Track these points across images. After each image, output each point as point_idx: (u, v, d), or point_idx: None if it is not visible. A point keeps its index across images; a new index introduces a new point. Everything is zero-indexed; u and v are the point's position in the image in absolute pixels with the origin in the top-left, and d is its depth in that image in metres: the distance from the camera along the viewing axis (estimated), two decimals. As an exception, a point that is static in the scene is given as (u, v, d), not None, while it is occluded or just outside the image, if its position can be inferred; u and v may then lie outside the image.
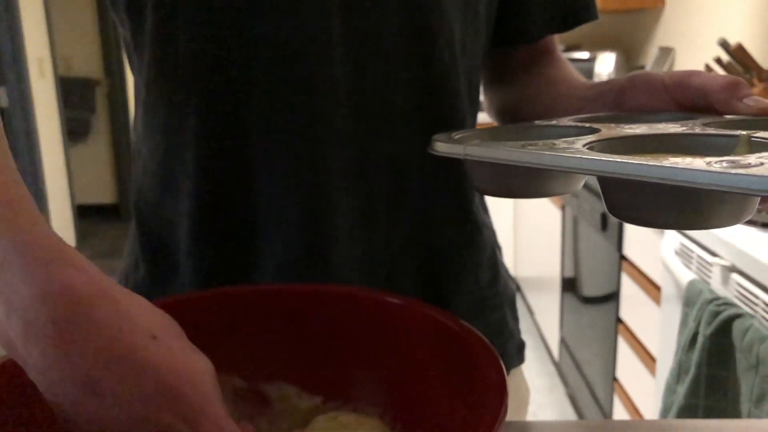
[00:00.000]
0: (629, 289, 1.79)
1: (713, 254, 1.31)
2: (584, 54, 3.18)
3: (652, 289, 1.63)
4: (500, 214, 3.25)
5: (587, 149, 0.38)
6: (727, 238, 1.24)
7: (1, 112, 3.52)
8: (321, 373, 0.48)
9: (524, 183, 0.46)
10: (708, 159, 0.32)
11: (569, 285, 2.47)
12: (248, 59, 0.53)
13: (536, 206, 2.89)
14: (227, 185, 0.56)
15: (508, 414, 0.36)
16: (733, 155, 0.36)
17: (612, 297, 1.92)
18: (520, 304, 3.28)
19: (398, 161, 0.57)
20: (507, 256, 0.66)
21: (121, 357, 0.33)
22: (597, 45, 3.27)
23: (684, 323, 1.31)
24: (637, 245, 1.72)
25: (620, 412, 1.92)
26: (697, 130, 0.41)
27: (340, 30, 0.53)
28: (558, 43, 0.72)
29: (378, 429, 0.45)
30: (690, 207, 0.35)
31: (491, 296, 0.65)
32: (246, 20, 0.52)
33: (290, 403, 0.48)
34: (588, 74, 3.07)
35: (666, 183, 0.31)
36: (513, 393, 0.67)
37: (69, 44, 4.90)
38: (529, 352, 0.67)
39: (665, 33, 2.94)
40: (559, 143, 0.39)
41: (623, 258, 1.82)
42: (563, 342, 2.58)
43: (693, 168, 0.30)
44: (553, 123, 0.50)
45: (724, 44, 1.95)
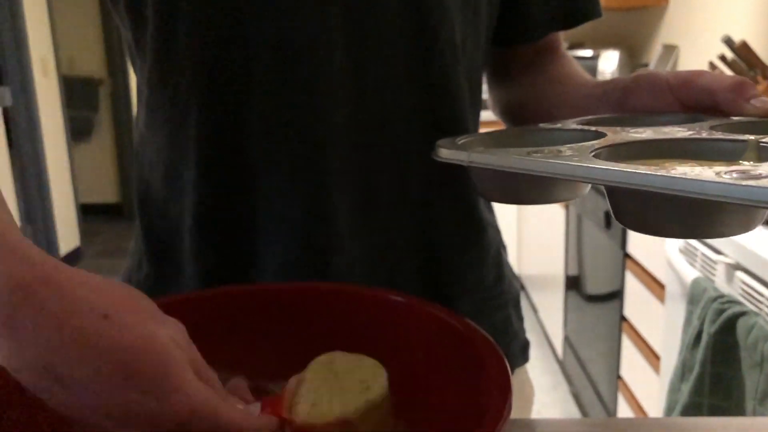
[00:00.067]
0: (633, 288, 1.79)
1: (718, 252, 1.31)
2: (587, 52, 3.17)
3: (657, 287, 1.62)
4: (504, 213, 3.25)
5: (593, 156, 0.37)
6: (732, 236, 1.24)
7: (5, 112, 3.53)
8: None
9: (530, 190, 0.45)
10: (717, 168, 0.31)
11: (573, 283, 2.47)
12: (248, 59, 0.53)
13: (540, 205, 2.88)
14: (228, 185, 0.56)
15: (513, 413, 0.36)
16: (742, 161, 0.36)
17: (616, 295, 1.92)
18: (524, 302, 3.27)
19: (400, 161, 0.57)
20: (511, 255, 0.66)
21: (72, 341, 0.32)
22: (600, 43, 3.26)
23: (688, 321, 1.31)
24: (642, 243, 1.72)
25: (624, 410, 1.92)
26: (705, 135, 0.40)
27: (341, 30, 0.53)
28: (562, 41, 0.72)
29: (372, 370, 0.43)
30: (699, 217, 0.34)
31: (496, 296, 0.65)
32: (246, 20, 0.52)
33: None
34: (591, 72, 3.04)
35: (674, 194, 0.30)
36: (517, 392, 0.66)
37: (72, 43, 4.91)
38: (533, 351, 0.68)
39: (669, 31, 2.94)
40: (565, 150, 0.38)
41: (627, 256, 1.82)
42: (567, 340, 2.58)
43: (702, 179, 0.30)
44: (558, 126, 0.50)
45: (729, 41, 1.95)
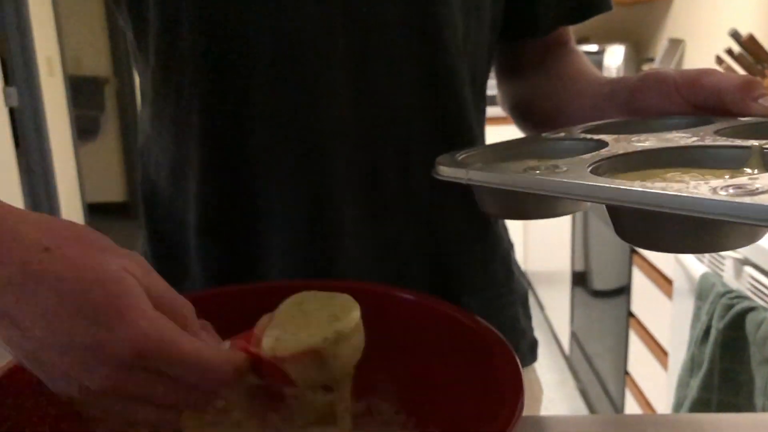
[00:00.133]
0: (641, 283, 1.78)
1: (726, 247, 1.30)
2: (593, 47, 3.16)
3: (664, 283, 1.62)
4: (510, 209, 3.23)
5: (592, 170, 0.37)
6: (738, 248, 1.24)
7: (11, 112, 3.54)
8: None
9: (531, 205, 0.45)
10: (715, 183, 0.30)
11: (580, 279, 2.47)
12: (249, 56, 0.52)
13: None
14: (232, 184, 0.56)
15: (524, 410, 0.36)
16: (746, 168, 0.35)
17: (623, 291, 1.91)
18: (531, 299, 3.26)
19: (404, 159, 0.56)
20: (517, 251, 0.65)
21: (13, 275, 0.32)
22: (606, 37, 3.25)
23: (697, 317, 1.30)
24: (649, 239, 1.71)
25: (632, 407, 1.91)
26: (708, 141, 0.40)
27: (342, 27, 0.52)
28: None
29: (343, 305, 0.41)
30: (701, 231, 0.33)
31: (504, 293, 0.65)
32: (247, 17, 0.52)
33: (304, 400, 0.48)
34: (597, 67, 3.02)
35: (670, 212, 0.30)
36: (526, 391, 0.66)
37: (78, 43, 4.92)
38: (540, 347, 0.68)
39: (675, 25, 2.92)
40: (562, 166, 0.38)
41: (634, 251, 1.81)
42: (574, 336, 2.58)
43: (698, 196, 0.29)
44: (561, 135, 0.49)
45: (735, 35, 1.94)
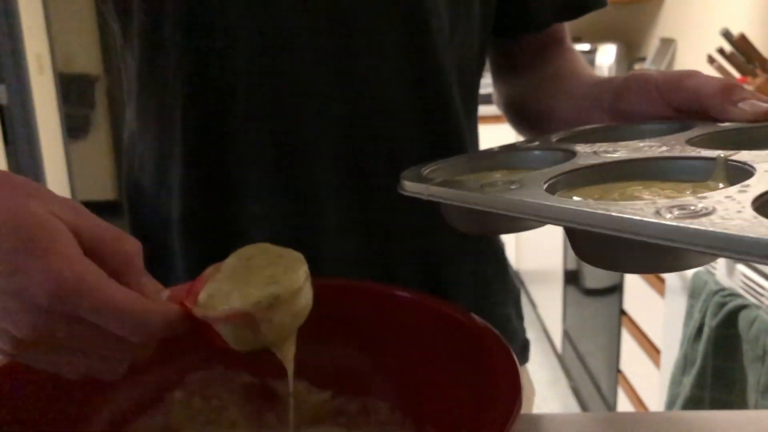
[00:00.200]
0: (633, 281, 1.79)
1: (718, 245, 1.30)
2: (585, 46, 3.17)
3: (656, 281, 1.62)
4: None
5: (549, 185, 0.36)
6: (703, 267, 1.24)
7: (1, 109, 3.51)
8: (330, 368, 0.48)
9: (495, 221, 0.44)
10: (661, 203, 0.28)
11: (572, 277, 2.47)
12: (231, 50, 0.52)
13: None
14: (214, 180, 0.55)
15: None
16: (711, 181, 0.34)
17: (615, 289, 1.92)
18: (523, 297, 3.28)
19: (391, 155, 0.56)
20: (509, 249, 0.65)
21: None
22: (598, 37, 3.25)
23: (689, 315, 1.31)
24: (641, 237, 1.72)
25: (624, 404, 1.92)
26: (675, 152, 0.38)
27: (327, 19, 0.52)
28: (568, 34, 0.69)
29: (288, 265, 0.40)
30: (655, 252, 0.31)
31: (495, 292, 0.65)
32: (229, 10, 0.51)
33: (299, 399, 0.48)
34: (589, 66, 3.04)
35: (609, 233, 0.28)
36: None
37: (68, 40, 4.89)
38: (532, 345, 0.67)
39: (666, 24, 2.93)
40: (518, 181, 0.37)
41: (627, 250, 1.82)
42: (566, 335, 2.58)
43: (636, 218, 0.27)
44: (535, 144, 0.48)
45: (727, 34, 1.94)
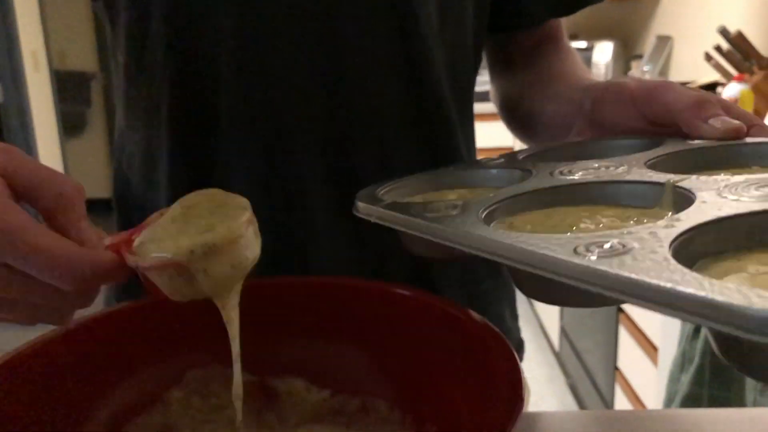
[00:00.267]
0: (630, 279, 1.79)
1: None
2: (581, 43, 3.17)
3: (654, 279, 1.62)
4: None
5: (489, 211, 0.35)
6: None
7: (-4, 107, 3.50)
8: (330, 367, 0.48)
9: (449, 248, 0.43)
10: (582, 239, 0.26)
11: (569, 275, 2.47)
12: (215, 45, 0.52)
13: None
14: (201, 177, 0.55)
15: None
16: (660, 207, 0.33)
17: (613, 286, 1.92)
18: (519, 294, 3.28)
19: (381, 152, 0.56)
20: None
21: None
22: (594, 34, 3.26)
23: (687, 312, 1.31)
24: (638, 234, 1.72)
25: (621, 402, 1.92)
26: (634, 173, 0.36)
27: (312, 15, 0.51)
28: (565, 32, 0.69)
29: (228, 213, 0.39)
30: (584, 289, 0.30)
31: (488, 291, 0.64)
32: (212, 11, 0.51)
33: (299, 397, 0.48)
34: (585, 64, 3.03)
35: (524, 268, 0.27)
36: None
37: (63, 37, 4.87)
38: (529, 343, 0.68)
39: (663, 21, 2.93)
40: (463, 205, 0.36)
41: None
42: (563, 331, 2.59)
43: (551, 256, 0.26)
44: (500, 162, 0.46)
45: (724, 32, 1.94)
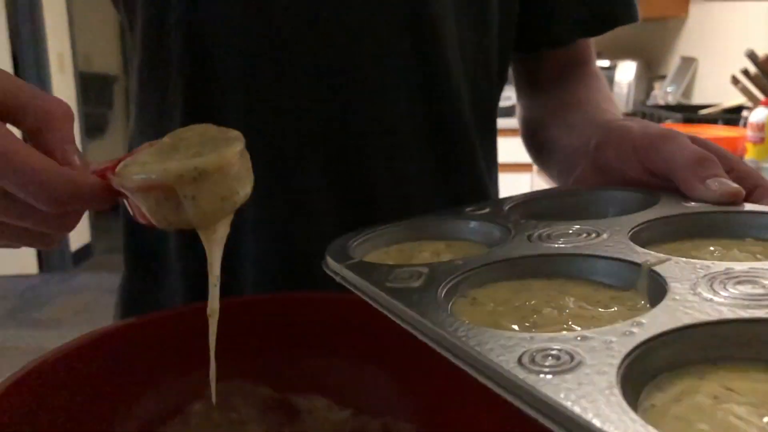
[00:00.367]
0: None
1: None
2: (604, 62, 3.16)
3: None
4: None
5: (453, 283, 0.33)
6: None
7: (21, 106, 3.55)
8: (352, 386, 0.47)
9: None
10: (532, 339, 0.24)
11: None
12: (228, 59, 0.52)
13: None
14: None
15: None
16: (636, 288, 0.31)
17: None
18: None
19: (396, 167, 0.55)
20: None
21: None
22: (617, 53, 3.24)
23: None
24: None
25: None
26: (613, 243, 0.34)
27: (327, 27, 0.51)
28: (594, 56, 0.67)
29: (219, 143, 0.39)
30: None
31: None
32: (230, 16, 0.51)
33: (319, 416, 0.47)
34: (608, 83, 3.01)
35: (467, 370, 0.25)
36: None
37: (89, 40, 4.93)
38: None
39: (688, 43, 2.92)
40: (429, 273, 0.34)
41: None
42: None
43: (493, 367, 0.23)
44: (481, 213, 0.44)
45: (752, 56, 1.93)
